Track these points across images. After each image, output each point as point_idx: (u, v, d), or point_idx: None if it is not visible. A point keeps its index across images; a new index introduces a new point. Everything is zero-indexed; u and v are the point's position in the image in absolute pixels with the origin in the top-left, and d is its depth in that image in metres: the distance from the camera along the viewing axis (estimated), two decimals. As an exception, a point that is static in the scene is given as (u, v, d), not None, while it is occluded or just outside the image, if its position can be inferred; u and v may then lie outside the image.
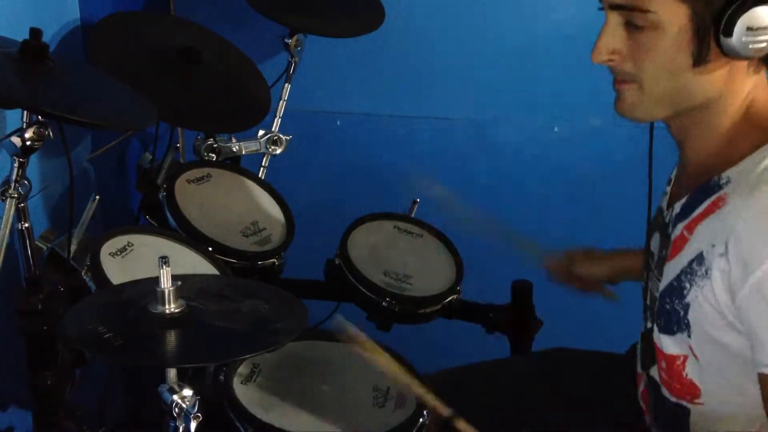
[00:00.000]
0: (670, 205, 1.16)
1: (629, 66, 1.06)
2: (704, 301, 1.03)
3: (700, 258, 1.03)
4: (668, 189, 1.22)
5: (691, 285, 1.05)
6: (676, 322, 1.08)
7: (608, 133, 2.26)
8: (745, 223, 0.98)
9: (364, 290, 1.69)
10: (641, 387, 1.26)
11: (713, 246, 1.01)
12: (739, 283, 0.98)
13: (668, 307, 1.09)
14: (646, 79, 1.05)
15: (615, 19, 1.05)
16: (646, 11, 1.00)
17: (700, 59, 1.01)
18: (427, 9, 2.25)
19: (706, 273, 1.02)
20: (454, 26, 2.26)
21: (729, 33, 0.97)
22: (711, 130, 1.08)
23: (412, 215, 1.93)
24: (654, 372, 1.18)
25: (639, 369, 1.26)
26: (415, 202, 1.92)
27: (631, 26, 1.03)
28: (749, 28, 0.97)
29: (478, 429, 1.34)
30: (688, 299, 1.05)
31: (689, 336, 1.07)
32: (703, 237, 1.04)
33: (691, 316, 1.06)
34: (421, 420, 1.31)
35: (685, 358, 1.09)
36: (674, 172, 1.22)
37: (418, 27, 2.27)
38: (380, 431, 1.27)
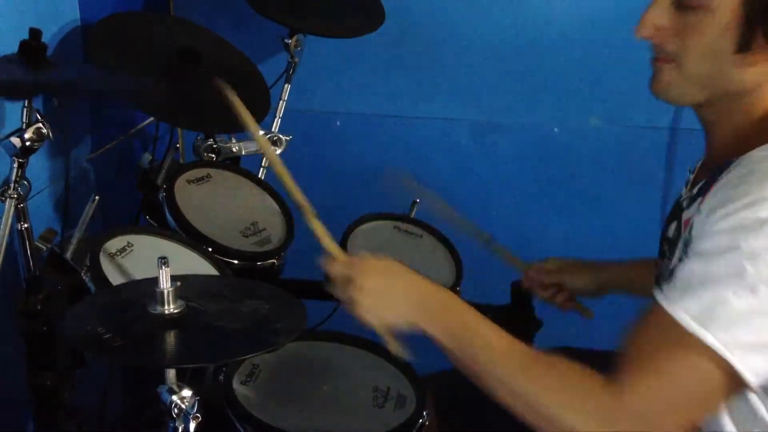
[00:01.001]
0: (690, 190, 1.15)
1: (672, 44, 1.05)
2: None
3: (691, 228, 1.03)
4: (690, 177, 1.21)
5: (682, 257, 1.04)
6: None
7: (608, 133, 2.26)
8: (726, 182, 0.98)
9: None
10: None
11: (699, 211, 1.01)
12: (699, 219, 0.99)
13: None
14: (688, 59, 1.04)
15: None
16: None
17: (744, 46, 1.00)
18: (427, 9, 2.25)
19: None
20: (454, 26, 2.26)
21: None
22: (741, 120, 1.07)
23: (412, 215, 1.93)
24: None
25: None
26: (415, 202, 1.92)
27: (681, 5, 1.03)
28: None
29: (479, 429, 1.35)
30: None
31: None
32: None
33: None
34: (421, 420, 1.31)
35: None
36: (699, 161, 1.21)
37: (418, 27, 2.27)
38: (380, 431, 1.27)
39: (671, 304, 0.96)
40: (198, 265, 1.55)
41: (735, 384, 0.95)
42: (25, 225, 1.36)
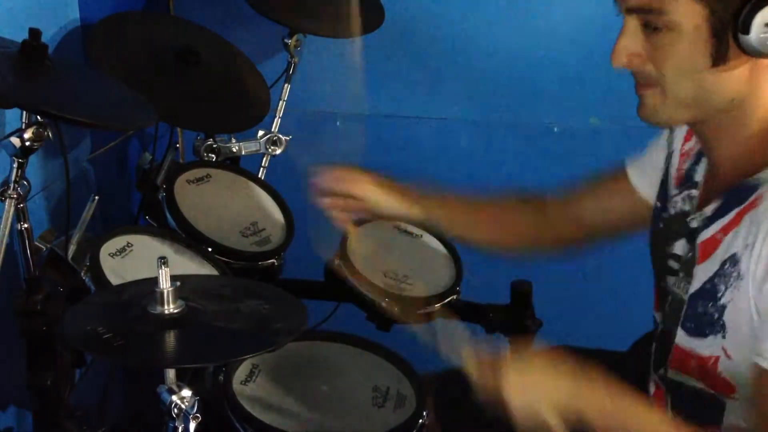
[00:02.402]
0: (699, 209, 1.14)
1: (650, 68, 1.05)
2: (740, 301, 1.03)
3: (733, 259, 1.03)
4: (695, 193, 1.19)
5: (726, 287, 1.04)
6: (708, 324, 1.08)
7: (608, 133, 2.26)
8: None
9: (363, 291, 1.69)
10: (652, 389, 1.25)
11: (746, 246, 1.01)
12: (765, 274, 0.98)
13: (700, 310, 1.09)
14: (668, 80, 1.04)
15: (632, 22, 1.04)
16: (663, 13, 1.00)
17: (719, 59, 1.00)
18: (427, 9, 2.25)
19: (739, 275, 1.02)
20: (453, 26, 2.26)
21: (747, 30, 0.96)
22: (739, 133, 1.07)
23: (412, 215, 1.92)
24: (671, 374, 1.17)
25: (651, 370, 1.25)
26: (415, 202, 1.92)
27: (648, 28, 1.03)
28: (767, 25, 0.96)
29: (479, 429, 1.34)
30: (723, 301, 1.05)
31: (723, 337, 1.06)
32: (737, 238, 1.03)
33: (726, 317, 1.05)
34: (420, 420, 1.31)
35: (717, 358, 1.08)
36: (701, 176, 1.19)
37: (418, 27, 2.27)
38: (380, 431, 1.27)
39: None
40: (198, 265, 1.55)
41: None
42: (25, 225, 1.36)
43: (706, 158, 1.16)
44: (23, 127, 1.29)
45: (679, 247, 1.17)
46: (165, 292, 1.06)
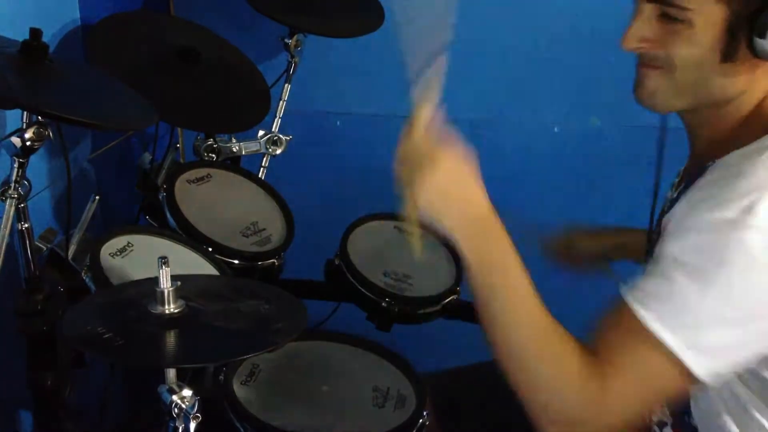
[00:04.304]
0: (673, 192, 1.17)
1: (659, 53, 1.06)
2: None
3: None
4: (675, 180, 1.23)
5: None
6: None
7: (608, 133, 2.26)
8: (700, 185, 1.01)
9: (364, 291, 1.69)
10: None
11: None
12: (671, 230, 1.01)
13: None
14: (676, 67, 1.05)
15: (648, 9, 1.05)
16: (684, 8, 1.01)
17: (728, 56, 1.02)
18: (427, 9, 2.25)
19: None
20: (453, 26, 2.26)
21: (762, 34, 0.98)
22: (721, 125, 1.09)
23: (412, 215, 1.92)
24: None
25: None
26: (415, 202, 1.92)
27: (665, 17, 1.04)
28: None
29: (479, 429, 1.35)
30: None
31: None
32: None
33: None
34: (421, 420, 1.31)
35: None
36: (685, 165, 1.23)
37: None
38: (380, 431, 1.27)
39: (637, 305, 0.99)
40: (198, 265, 1.55)
41: (693, 380, 0.98)
42: (25, 225, 1.36)
43: (689, 147, 1.17)
44: (24, 127, 1.29)
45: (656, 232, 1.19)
46: (165, 291, 1.06)
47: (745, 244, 0.93)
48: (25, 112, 1.29)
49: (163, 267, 1.06)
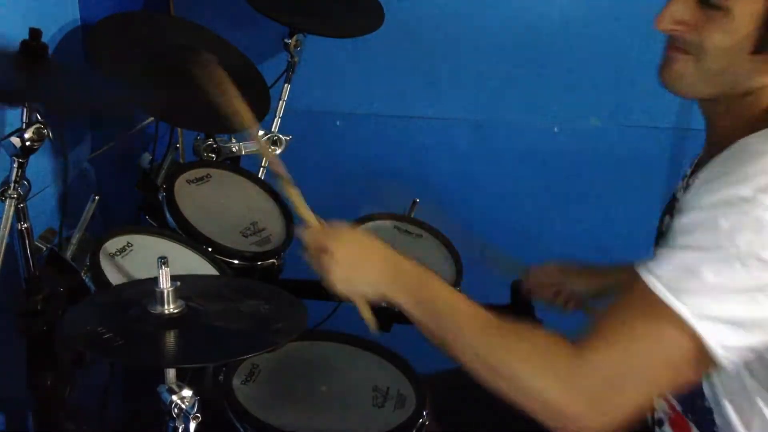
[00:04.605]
0: (686, 182, 1.16)
1: (691, 37, 1.05)
2: None
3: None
4: (687, 171, 1.22)
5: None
6: None
7: (608, 133, 2.26)
8: (713, 163, 1.00)
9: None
10: None
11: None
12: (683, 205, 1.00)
13: None
14: (707, 54, 1.04)
15: None
16: None
17: (761, 48, 1.01)
18: (427, 9, 2.25)
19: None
20: (453, 26, 2.26)
21: None
22: (739, 118, 1.08)
23: (412, 215, 1.92)
24: None
25: None
26: (415, 202, 1.92)
27: (703, 3, 1.03)
28: None
29: (479, 429, 1.34)
30: None
31: None
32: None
33: None
34: (420, 420, 1.31)
35: None
36: (697, 157, 1.22)
37: (418, 27, 2.27)
38: (380, 431, 1.27)
39: (647, 273, 0.97)
40: (198, 265, 1.55)
41: (704, 357, 0.95)
42: (25, 225, 1.36)
43: (706, 136, 1.17)
44: (23, 126, 1.29)
45: (665, 222, 1.19)
46: (165, 292, 1.06)
47: (760, 222, 0.92)
48: (24, 112, 1.30)
49: (163, 267, 1.06)
